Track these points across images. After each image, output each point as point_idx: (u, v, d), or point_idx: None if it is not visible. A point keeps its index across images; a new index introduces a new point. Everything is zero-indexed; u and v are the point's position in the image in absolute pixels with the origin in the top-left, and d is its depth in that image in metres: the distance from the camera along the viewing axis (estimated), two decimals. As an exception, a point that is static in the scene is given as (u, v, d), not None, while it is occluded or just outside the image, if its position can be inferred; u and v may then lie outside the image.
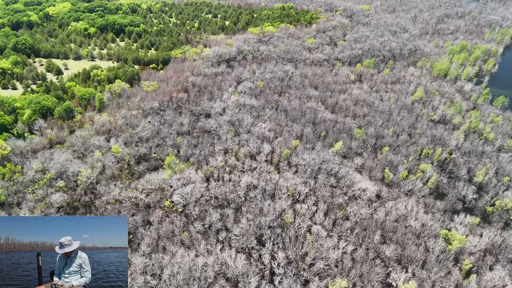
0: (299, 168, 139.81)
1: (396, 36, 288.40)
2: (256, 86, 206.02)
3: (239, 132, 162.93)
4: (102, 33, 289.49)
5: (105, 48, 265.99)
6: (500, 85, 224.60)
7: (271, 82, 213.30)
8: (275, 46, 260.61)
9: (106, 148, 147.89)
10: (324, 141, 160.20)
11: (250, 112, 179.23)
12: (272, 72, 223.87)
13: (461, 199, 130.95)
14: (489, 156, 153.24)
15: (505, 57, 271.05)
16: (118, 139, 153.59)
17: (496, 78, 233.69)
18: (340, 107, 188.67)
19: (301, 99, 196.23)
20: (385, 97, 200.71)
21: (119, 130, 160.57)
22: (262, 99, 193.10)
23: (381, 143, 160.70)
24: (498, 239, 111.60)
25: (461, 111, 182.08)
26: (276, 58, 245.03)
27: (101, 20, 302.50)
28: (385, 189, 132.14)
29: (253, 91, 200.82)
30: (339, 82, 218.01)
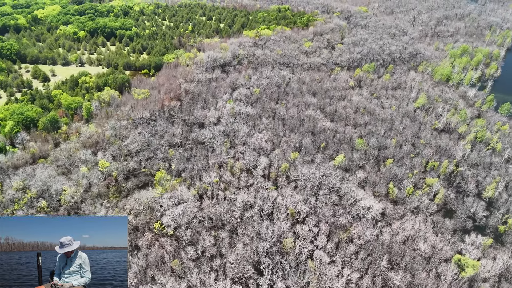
0: (299, 183, 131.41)
1: (395, 39, 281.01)
2: (252, 93, 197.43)
3: (234, 143, 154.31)
4: (92, 37, 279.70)
5: (95, 52, 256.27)
6: (504, 90, 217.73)
7: (268, 88, 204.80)
8: (271, 50, 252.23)
9: (92, 163, 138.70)
10: (324, 153, 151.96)
11: (246, 122, 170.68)
12: (269, 78, 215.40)
13: (471, 216, 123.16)
14: (498, 168, 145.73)
15: (507, 60, 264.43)
16: (106, 153, 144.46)
17: (499, 82, 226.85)
18: (340, 115, 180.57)
19: (299, 106, 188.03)
20: (386, 104, 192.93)
21: (107, 142, 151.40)
22: (259, 107, 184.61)
23: (384, 154, 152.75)
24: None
25: (466, 119, 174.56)
26: (272, 63, 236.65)
27: (91, 23, 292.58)
28: (390, 206, 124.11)
29: (249, 99, 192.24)
30: (338, 88, 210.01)
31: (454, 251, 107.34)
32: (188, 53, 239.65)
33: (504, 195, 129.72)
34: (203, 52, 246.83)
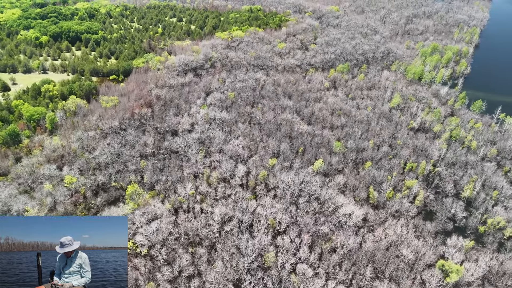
0: (278, 191, 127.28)
1: (368, 39, 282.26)
2: (226, 97, 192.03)
3: (210, 151, 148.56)
4: (56, 41, 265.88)
5: (59, 58, 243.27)
6: (474, 87, 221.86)
7: (243, 92, 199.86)
8: (244, 52, 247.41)
9: (58, 179, 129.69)
10: (302, 158, 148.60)
11: (221, 128, 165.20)
12: (243, 81, 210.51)
13: (451, 218, 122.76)
14: (474, 167, 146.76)
15: (476, 57, 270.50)
16: (73, 167, 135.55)
17: (469, 80, 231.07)
18: (316, 118, 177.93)
19: (275, 110, 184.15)
20: (361, 104, 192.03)
21: (74, 155, 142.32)
22: (234, 112, 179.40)
23: (362, 157, 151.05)
24: (495, 264, 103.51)
25: (440, 118, 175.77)
26: (246, 65, 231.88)
27: (54, 27, 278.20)
28: (371, 211, 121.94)
29: (223, 103, 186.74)
30: (313, 89, 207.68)
31: (437, 255, 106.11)
32: (159, 57, 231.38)
33: (482, 194, 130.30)
34: (174, 55, 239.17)
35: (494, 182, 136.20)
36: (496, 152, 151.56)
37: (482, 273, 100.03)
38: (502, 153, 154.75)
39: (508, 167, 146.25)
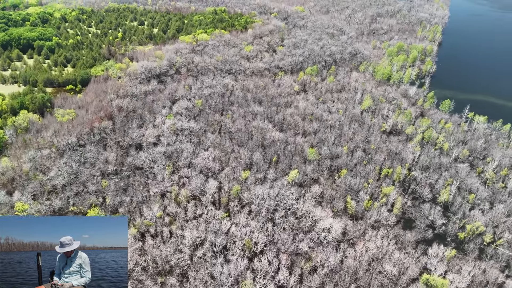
0: (253, 207, 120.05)
1: (335, 39, 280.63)
2: (194, 105, 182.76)
3: (178, 166, 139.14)
4: (5, 50, 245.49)
5: (8, 68, 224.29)
6: (441, 86, 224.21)
7: (211, 98, 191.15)
8: (211, 56, 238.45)
9: (7, 206, 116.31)
10: (276, 168, 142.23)
11: (189, 139, 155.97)
12: (211, 87, 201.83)
13: (430, 225, 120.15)
14: (447, 169, 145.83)
15: (440, 55, 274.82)
16: (24, 191, 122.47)
17: (436, 78, 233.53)
18: (288, 124, 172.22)
19: (245, 117, 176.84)
20: (333, 108, 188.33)
21: (26, 178, 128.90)
22: (202, 121, 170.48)
23: (337, 164, 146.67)
24: (477, 273, 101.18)
25: (411, 119, 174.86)
26: (213, 70, 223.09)
27: (3, 34, 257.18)
28: (350, 223, 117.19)
29: (191, 112, 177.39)
30: (283, 93, 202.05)
31: (420, 267, 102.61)
32: (119, 64, 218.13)
33: (458, 198, 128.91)
34: (136, 61, 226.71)
35: (469, 184, 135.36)
36: (468, 152, 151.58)
37: (466, 284, 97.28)
38: (474, 153, 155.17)
39: (480, 167, 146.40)
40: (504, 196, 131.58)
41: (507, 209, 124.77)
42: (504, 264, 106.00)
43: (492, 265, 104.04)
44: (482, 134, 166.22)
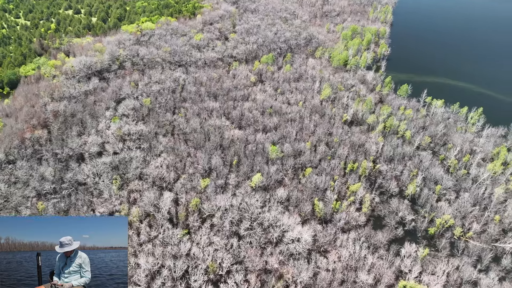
0: (215, 219, 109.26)
1: (288, 24, 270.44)
2: (141, 104, 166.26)
3: (127, 179, 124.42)
4: None
5: None
6: (397, 69, 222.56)
7: (160, 95, 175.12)
8: (158, 47, 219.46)
9: None
10: (238, 171, 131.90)
11: (138, 145, 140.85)
12: (160, 82, 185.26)
13: (400, 221, 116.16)
14: (411, 158, 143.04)
15: (392, 36, 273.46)
16: None
17: (391, 61, 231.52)
18: (247, 120, 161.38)
19: (200, 115, 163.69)
20: (292, 99, 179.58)
21: None
22: (152, 122, 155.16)
23: (301, 161, 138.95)
24: (451, 270, 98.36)
25: (372, 107, 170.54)
26: (161, 63, 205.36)
27: None
28: (319, 228, 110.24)
29: (138, 112, 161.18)
30: (239, 86, 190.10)
31: (395, 272, 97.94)
32: (53, 61, 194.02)
33: (425, 190, 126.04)
34: (74, 56, 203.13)
35: (434, 174, 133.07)
36: (429, 139, 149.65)
37: (442, 285, 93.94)
38: (434, 139, 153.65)
39: (443, 155, 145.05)
40: (468, 183, 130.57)
41: (472, 197, 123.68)
42: (476, 258, 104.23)
43: (465, 261, 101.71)
44: (441, 118, 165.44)
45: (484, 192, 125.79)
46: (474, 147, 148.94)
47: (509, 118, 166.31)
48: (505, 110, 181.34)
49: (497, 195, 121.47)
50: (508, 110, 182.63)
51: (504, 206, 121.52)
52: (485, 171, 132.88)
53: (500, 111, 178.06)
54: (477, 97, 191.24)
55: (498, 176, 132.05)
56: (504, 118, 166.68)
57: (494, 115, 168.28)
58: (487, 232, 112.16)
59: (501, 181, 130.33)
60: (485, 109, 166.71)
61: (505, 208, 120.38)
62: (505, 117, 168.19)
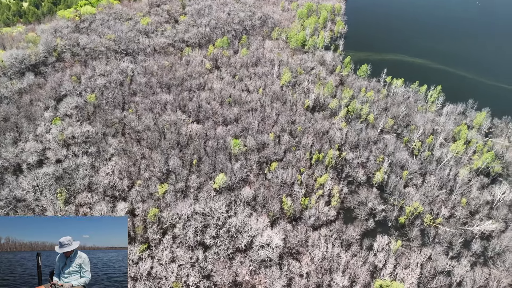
0: (176, 230, 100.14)
1: (241, 3, 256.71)
2: (86, 101, 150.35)
3: (73, 191, 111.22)
4: None
5: None
6: (355, 47, 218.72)
7: (107, 90, 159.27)
8: (100, 34, 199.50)
9: None
10: (199, 171, 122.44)
11: (85, 149, 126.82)
12: (105, 75, 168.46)
13: (370, 212, 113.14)
14: (376, 142, 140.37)
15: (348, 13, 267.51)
16: None
17: (348, 39, 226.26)
18: (205, 112, 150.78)
19: (153, 109, 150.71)
20: (251, 86, 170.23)
21: None
22: (100, 121, 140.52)
23: (266, 155, 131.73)
24: (423, 261, 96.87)
25: (333, 90, 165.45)
26: (106, 53, 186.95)
27: None
28: (289, 228, 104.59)
29: (83, 111, 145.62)
30: (194, 74, 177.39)
31: (369, 269, 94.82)
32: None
33: (392, 177, 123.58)
34: (3, 49, 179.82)
35: (399, 158, 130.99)
36: (392, 122, 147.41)
37: (417, 278, 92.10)
38: (397, 120, 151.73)
39: (406, 137, 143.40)
40: (433, 165, 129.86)
41: (438, 180, 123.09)
42: (447, 245, 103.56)
43: (436, 250, 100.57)
44: (401, 98, 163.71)
45: (449, 174, 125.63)
46: (435, 127, 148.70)
47: (467, 94, 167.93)
48: (462, 86, 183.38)
49: (462, 176, 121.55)
50: (465, 85, 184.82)
51: (469, 186, 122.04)
52: (448, 151, 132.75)
53: (457, 87, 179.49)
54: (435, 74, 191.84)
55: (461, 156, 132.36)
56: (462, 94, 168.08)
57: (452, 91, 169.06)
58: (455, 215, 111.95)
59: (464, 161, 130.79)
60: (444, 86, 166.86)
61: (470, 189, 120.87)
62: (463, 93, 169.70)
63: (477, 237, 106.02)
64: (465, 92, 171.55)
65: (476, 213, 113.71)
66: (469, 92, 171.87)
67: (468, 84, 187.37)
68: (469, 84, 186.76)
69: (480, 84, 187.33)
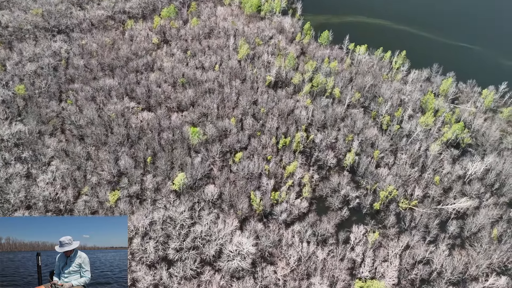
0: (134, 246, 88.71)
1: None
2: (15, 94, 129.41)
3: (7, 210, 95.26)
4: None
5: None
6: (313, 10, 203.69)
7: (39, 78, 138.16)
8: (25, 9, 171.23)
9: None
10: (155, 170, 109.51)
11: (18, 154, 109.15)
12: (35, 59, 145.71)
13: (343, 200, 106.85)
14: (343, 118, 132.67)
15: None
16: None
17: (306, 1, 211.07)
18: (156, 97, 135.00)
19: (96, 98, 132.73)
20: (206, 62, 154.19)
21: None
22: (33, 118, 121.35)
23: (228, 143, 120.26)
24: (401, 249, 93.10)
25: (295, 63, 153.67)
26: (34, 31, 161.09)
27: None
28: (260, 227, 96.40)
29: (11, 106, 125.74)
30: (140, 51, 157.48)
31: (348, 267, 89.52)
32: None
33: (363, 157, 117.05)
34: None
35: (368, 135, 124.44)
36: (359, 95, 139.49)
37: (396, 270, 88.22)
38: (363, 91, 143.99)
39: (374, 111, 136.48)
40: (403, 141, 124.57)
41: (409, 157, 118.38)
42: (423, 229, 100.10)
43: (414, 235, 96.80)
44: (366, 67, 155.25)
45: (420, 148, 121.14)
46: (402, 96, 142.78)
47: (431, 58, 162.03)
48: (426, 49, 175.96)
49: (433, 151, 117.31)
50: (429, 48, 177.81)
51: (440, 161, 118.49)
52: (417, 124, 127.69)
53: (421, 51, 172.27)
54: (397, 37, 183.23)
55: (431, 128, 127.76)
56: (426, 59, 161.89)
57: (416, 56, 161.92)
58: (429, 195, 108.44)
59: (434, 133, 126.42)
60: (408, 51, 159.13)
61: (441, 164, 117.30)
62: (426, 58, 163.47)
63: (452, 217, 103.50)
64: (429, 56, 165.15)
65: (449, 190, 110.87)
66: (433, 56, 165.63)
67: (432, 46, 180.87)
68: (433, 46, 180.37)
69: (444, 46, 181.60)
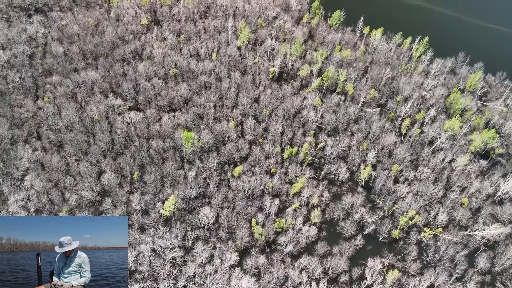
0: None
1: None
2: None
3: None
4: None
5: None
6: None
7: (12, 69, 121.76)
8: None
9: None
10: (143, 187, 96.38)
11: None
12: (8, 46, 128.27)
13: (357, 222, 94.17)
14: (357, 120, 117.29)
15: None
16: None
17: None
18: (145, 93, 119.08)
19: (76, 96, 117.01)
20: (201, 49, 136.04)
21: None
22: (5, 122, 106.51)
23: (226, 153, 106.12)
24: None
25: (302, 50, 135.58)
26: (5, 11, 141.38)
27: None
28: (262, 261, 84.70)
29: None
30: (126, 35, 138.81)
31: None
32: None
33: (380, 172, 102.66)
34: None
35: (386, 143, 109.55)
36: (375, 92, 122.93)
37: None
38: (378, 85, 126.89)
39: (392, 111, 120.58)
40: (425, 150, 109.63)
41: (432, 170, 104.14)
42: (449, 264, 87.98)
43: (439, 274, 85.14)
44: (383, 57, 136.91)
45: (444, 160, 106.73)
46: (423, 93, 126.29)
47: (454, 42, 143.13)
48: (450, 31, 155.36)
49: (460, 165, 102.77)
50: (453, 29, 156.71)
51: (467, 174, 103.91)
52: (442, 129, 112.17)
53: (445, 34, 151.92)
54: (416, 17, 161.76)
55: (456, 134, 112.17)
56: (449, 43, 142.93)
57: (439, 40, 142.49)
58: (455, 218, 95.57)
59: (460, 141, 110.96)
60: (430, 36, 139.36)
61: (468, 178, 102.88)
62: (449, 41, 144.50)
63: (482, 248, 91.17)
64: (452, 40, 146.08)
65: (477, 212, 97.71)
66: (456, 40, 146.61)
67: (454, 26, 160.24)
68: (455, 27, 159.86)
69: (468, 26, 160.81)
